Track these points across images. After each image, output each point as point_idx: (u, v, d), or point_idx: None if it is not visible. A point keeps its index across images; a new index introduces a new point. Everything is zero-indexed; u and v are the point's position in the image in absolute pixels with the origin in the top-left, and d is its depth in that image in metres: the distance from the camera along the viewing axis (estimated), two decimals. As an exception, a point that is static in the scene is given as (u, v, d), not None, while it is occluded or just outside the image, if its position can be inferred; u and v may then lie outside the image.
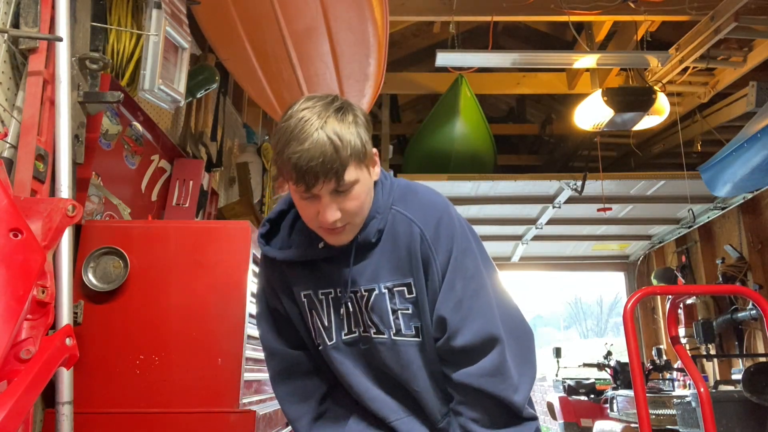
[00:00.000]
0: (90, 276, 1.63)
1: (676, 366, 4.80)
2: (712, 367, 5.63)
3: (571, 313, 30.83)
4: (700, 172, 4.19)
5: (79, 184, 1.62)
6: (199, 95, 2.47)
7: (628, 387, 4.60)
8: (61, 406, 1.41)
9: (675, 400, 3.60)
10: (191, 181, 2.38)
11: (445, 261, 1.13)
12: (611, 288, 30.12)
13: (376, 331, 1.16)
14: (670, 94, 4.21)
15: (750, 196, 4.80)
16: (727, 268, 5.26)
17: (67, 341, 1.12)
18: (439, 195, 1.20)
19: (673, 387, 4.80)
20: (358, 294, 1.16)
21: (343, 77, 2.60)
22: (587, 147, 5.42)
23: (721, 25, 3.36)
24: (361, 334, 1.18)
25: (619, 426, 4.29)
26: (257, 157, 3.47)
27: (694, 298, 5.48)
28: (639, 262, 7.13)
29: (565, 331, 30.29)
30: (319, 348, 1.22)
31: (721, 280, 5.29)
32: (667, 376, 5.02)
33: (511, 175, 4.97)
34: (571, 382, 5.73)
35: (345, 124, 1.04)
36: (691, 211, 5.35)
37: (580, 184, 4.76)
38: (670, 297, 2.68)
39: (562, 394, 5.73)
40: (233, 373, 1.60)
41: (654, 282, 6.10)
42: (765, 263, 5.06)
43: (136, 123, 2.08)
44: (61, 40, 1.46)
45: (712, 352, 5.34)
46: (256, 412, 1.57)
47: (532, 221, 5.84)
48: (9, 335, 0.97)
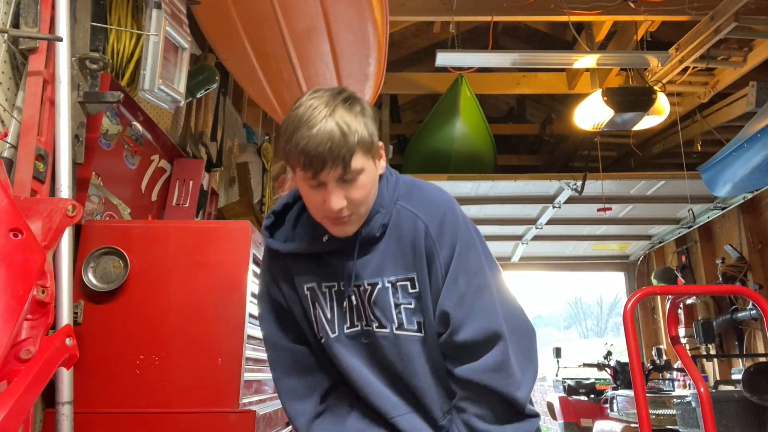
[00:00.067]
0: (90, 276, 1.63)
1: (676, 366, 4.79)
2: (712, 367, 5.63)
3: (571, 313, 30.88)
4: (700, 172, 4.19)
5: (79, 184, 1.62)
6: (199, 95, 2.47)
7: (628, 387, 4.60)
8: (61, 406, 1.41)
9: (675, 400, 3.60)
10: (191, 181, 2.38)
11: (448, 256, 1.13)
12: (611, 288, 30.21)
13: (378, 325, 1.16)
14: (670, 94, 4.21)
15: (750, 196, 4.80)
16: (727, 268, 5.26)
17: (67, 341, 1.12)
18: (444, 192, 1.21)
19: (673, 387, 4.80)
20: (361, 288, 1.16)
21: (343, 77, 2.59)
22: (587, 147, 5.42)
23: (721, 25, 3.36)
24: (363, 327, 1.19)
25: (619, 426, 4.28)
26: (257, 157, 3.46)
27: (694, 298, 5.48)
28: (639, 262, 7.13)
29: (565, 331, 30.31)
30: (322, 341, 1.22)
31: (721, 280, 5.29)
32: (667, 376, 5.02)
33: (511, 175, 4.97)
34: (571, 382, 5.73)
35: (353, 114, 1.05)
36: (691, 211, 5.35)
37: (580, 184, 4.76)
38: (670, 297, 2.68)
39: (562, 394, 5.73)
40: (233, 373, 1.60)
41: (654, 282, 6.10)
42: (765, 263, 5.06)
43: (136, 123, 2.08)
44: (61, 40, 1.46)
45: (712, 352, 5.34)
46: (256, 412, 1.57)
47: (532, 221, 5.83)
48: (9, 335, 0.97)
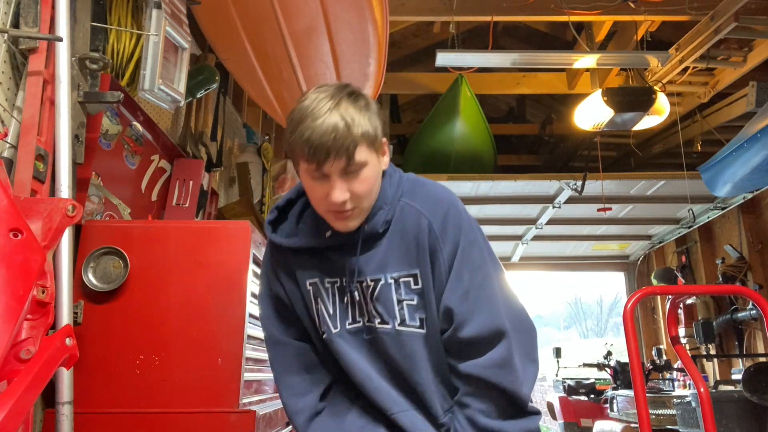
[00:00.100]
0: (90, 276, 1.63)
1: (676, 366, 4.79)
2: (712, 367, 5.63)
3: (571, 313, 30.89)
4: (700, 172, 4.19)
5: (79, 184, 1.62)
6: (199, 95, 2.47)
7: (628, 387, 4.60)
8: (61, 406, 1.41)
9: (675, 400, 3.60)
10: (191, 181, 2.38)
11: (452, 252, 1.14)
12: (611, 288, 30.22)
13: (380, 321, 1.16)
14: (670, 94, 4.21)
15: (750, 196, 4.80)
16: (727, 268, 5.27)
17: (67, 341, 1.12)
18: (447, 189, 1.22)
19: (673, 387, 4.80)
20: (363, 284, 1.16)
21: (343, 77, 2.59)
22: (587, 147, 5.42)
23: (721, 25, 3.36)
24: (365, 323, 1.18)
25: (619, 426, 4.28)
26: (257, 157, 3.46)
27: (694, 298, 5.48)
28: (639, 262, 7.13)
29: (565, 331, 30.32)
30: (324, 336, 1.21)
31: (721, 280, 5.29)
32: (667, 376, 5.02)
33: (511, 175, 4.97)
34: (571, 382, 5.74)
35: (357, 107, 1.07)
36: (691, 211, 5.35)
37: (580, 184, 4.76)
38: (670, 297, 2.68)
39: (562, 394, 5.73)
40: (233, 373, 1.60)
41: (654, 282, 6.10)
42: (765, 263, 5.07)
43: (136, 123, 2.08)
44: (61, 40, 1.46)
45: (712, 352, 5.34)
46: (256, 412, 1.57)
47: (532, 221, 5.83)
48: (9, 335, 0.97)
